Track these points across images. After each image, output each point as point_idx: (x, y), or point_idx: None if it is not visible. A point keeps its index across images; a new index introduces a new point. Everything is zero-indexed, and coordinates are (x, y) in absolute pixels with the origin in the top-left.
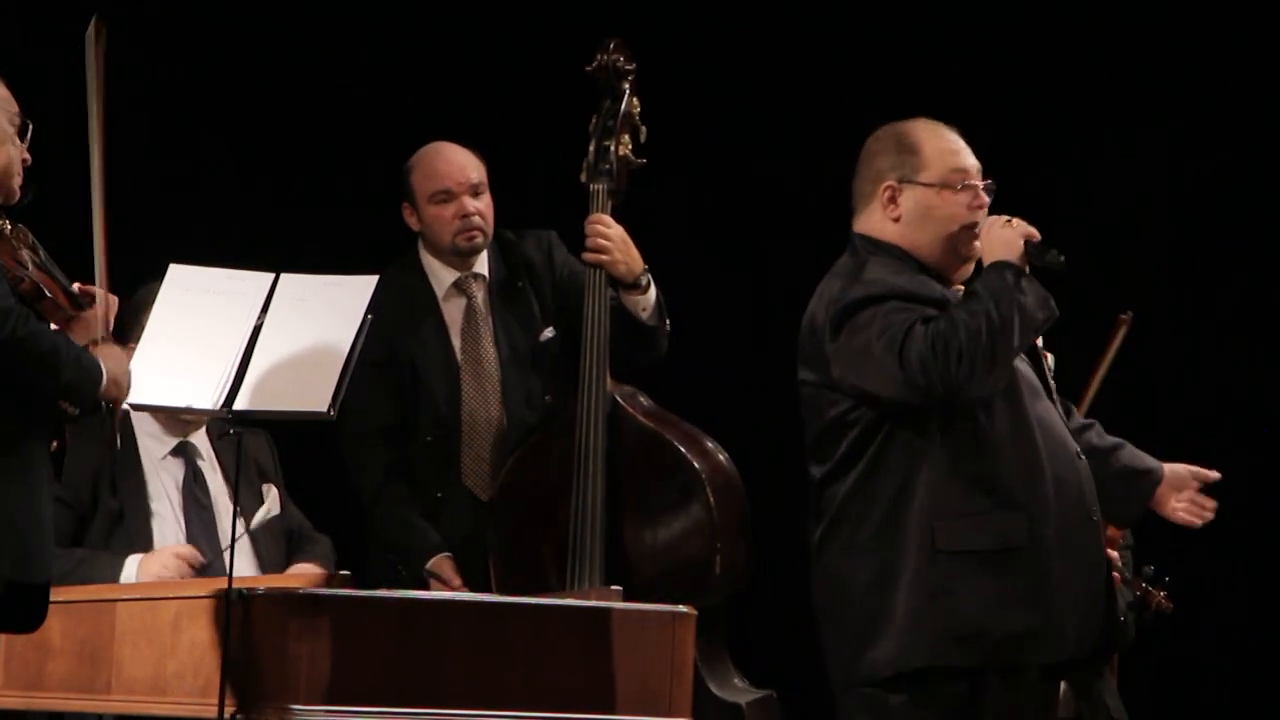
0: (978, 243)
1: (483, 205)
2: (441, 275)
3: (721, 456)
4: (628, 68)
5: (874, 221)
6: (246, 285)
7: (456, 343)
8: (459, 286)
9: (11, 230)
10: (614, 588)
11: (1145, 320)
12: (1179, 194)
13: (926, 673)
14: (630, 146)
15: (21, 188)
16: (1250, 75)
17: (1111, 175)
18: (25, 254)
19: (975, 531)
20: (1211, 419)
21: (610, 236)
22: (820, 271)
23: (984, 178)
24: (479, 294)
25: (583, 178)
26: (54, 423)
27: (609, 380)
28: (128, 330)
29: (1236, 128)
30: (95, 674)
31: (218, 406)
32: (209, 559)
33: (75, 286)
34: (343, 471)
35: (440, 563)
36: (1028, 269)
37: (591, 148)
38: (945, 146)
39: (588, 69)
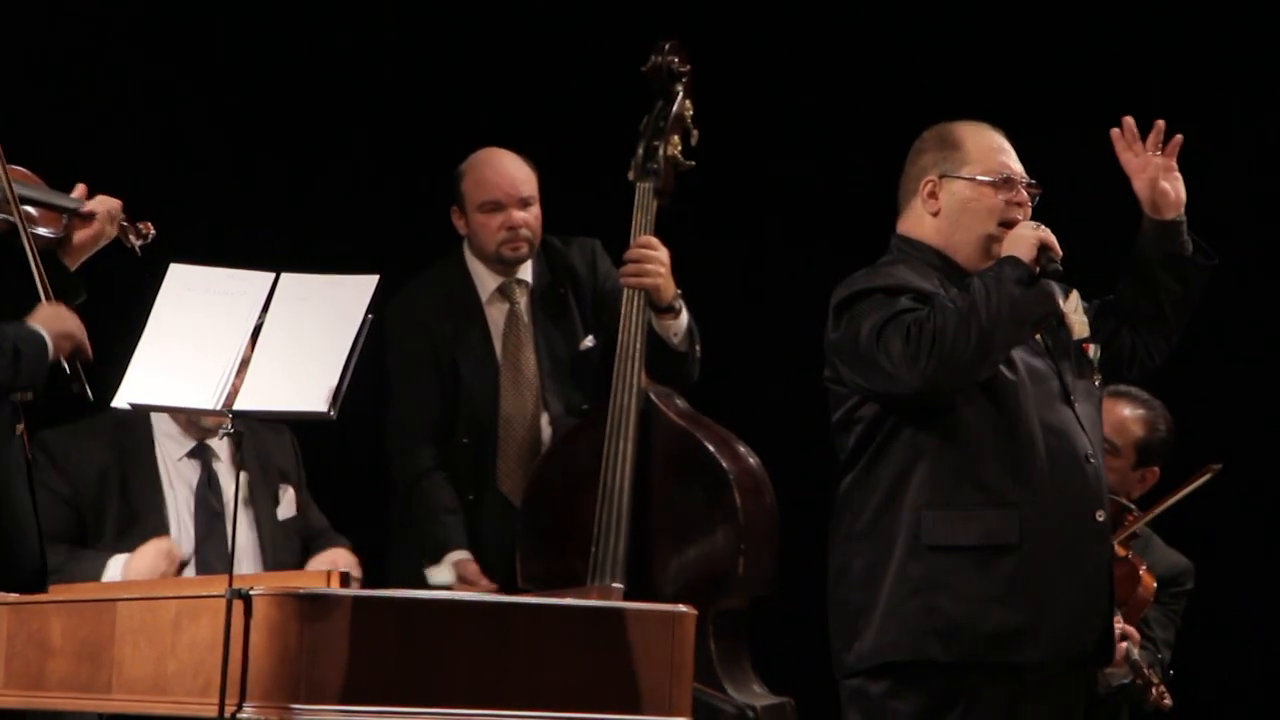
0: None
1: (530, 217)
2: (486, 280)
3: (753, 460)
4: (682, 69)
5: (913, 220)
6: (247, 285)
7: (498, 347)
8: (502, 291)
9: None
10: (615, 586)
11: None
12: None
13: (906, 666)
14: (680, 148)
15: None
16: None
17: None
18: None
19: (962, 527)
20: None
21: (654, 259)
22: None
23: (1032, 187)
24: (522, 300)
25: (630, 176)
26: (13, 409)
27: (644, 378)
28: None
29: None
30: (95, 674)
31: (218, 406)
32: (186, 557)
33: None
34: (356, 472)
35: (464, 565)
36: (1038, 270)
37: (640, 147)
38: (989, 144)
39: (642, 69)
